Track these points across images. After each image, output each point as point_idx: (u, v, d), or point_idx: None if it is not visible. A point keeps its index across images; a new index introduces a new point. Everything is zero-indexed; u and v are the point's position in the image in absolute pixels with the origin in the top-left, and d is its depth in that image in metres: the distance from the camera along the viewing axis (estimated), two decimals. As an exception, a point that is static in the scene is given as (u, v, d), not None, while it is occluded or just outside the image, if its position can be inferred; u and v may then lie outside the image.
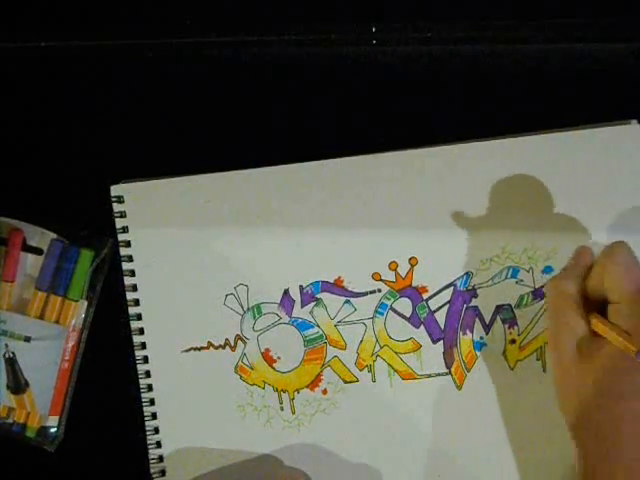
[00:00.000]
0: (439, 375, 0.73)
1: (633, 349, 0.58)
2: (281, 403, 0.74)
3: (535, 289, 0.72)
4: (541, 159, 0.72)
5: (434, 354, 0.73)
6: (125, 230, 0.73)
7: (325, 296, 0.73)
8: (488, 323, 0.73)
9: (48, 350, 0.73)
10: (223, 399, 0.74)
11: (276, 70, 0.75)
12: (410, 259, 0.73)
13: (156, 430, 0.74)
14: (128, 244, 0.73)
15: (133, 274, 0.73)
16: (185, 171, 0.73)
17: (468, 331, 0.73)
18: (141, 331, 0.74)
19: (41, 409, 0.74)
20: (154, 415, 0.74)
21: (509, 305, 0.72)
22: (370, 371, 0.73)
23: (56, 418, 0.74)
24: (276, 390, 0.74)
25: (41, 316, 0.74)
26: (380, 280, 0.73)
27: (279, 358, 0.74)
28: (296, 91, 0.75)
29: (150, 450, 0.74)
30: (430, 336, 0.73)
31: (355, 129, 0.75)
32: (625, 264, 0.62)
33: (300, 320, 0.73)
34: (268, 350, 0.74)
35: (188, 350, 0.74)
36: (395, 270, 0.73)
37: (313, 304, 0.73)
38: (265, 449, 0.74)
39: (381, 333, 0.73)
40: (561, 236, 0.72)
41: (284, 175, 0.73)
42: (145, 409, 0.74)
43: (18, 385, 0.74)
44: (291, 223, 0.73)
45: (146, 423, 0.74)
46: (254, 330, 0.74)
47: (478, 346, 0.73)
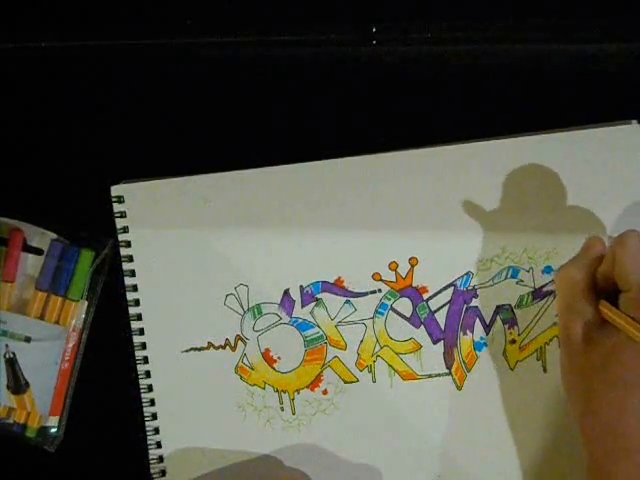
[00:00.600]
0: (439, 375, 0.73)
1: None
2: (281, 403, 0.74)
3: (535, 289, 0.72)
4: (541, 159, 0.72)
5: (434, 354, 0.73)
6: (125, 230, 0.73)
7: (325, 296, 0.73)
8: (488, 323, 0.73)
9: (48, 350, 0.73)
10: (223, 399, 0.74)
11: (276, 70, 0.75)
12: (410, 259, 0.73)
13: (156, 430, 0.74)
14: (128, 244, 0.73)
15: (133, 274, 0.73)
16: (185, 171, 0.73)
17: (468, 331, 0.73)
18: (141, 331, 0.74)
19: (41, 409, 0.74)
20: (154, 415, 0.74)
21: (509, 305, 0.72)
22: (370, 371, 0.73)
23: (56, 418, 0.74)
24: (276, 390, 0.74)
25: (41, 316, 0.74)
26: (380, 280, 0.73)
27: (279, 358, 0.74)
28: (296, 91, 0.75)
29: (150, 450, 0.74)
30: (430, 336, 0.73)
31: (355, 129, 0.75)
32: (636, 252, 0.61)
33: (300, 320, 0.73)
34: (268, 350, 0.74)
35: (188, 350, 0.74)
36: (395, 270, 0.73)
37: (313, 304, 0.73)
38: (265, 449, 0.74)
39: (381, 333, 0.73)
40: (561, 236, 0.72)
41: (284, 175, 0.73)
42: (145, 409, 0.74)
43: (18, 385, 0.74)
44: (291, 223, 0.73)
45: (146, 423, 0.74)
46: (254, 330, 0.74)
47: (478, 346, 0.73)
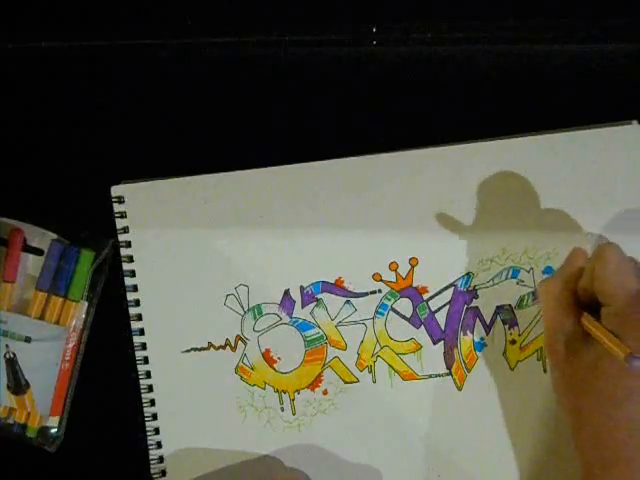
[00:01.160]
0: (439, 376, 0.73)
1: (621, 354, 0.58)
2: (281, 404, 0.74)
3: (535, 290, 0.72)
4: (541, 160, 0.72)
5: (434, 354, 0.73)
6: (125, 230, 0.73)
7: (325, 296, 0.73)
8: (488, 324, 0.73)
9: (48, 351, 0.73)
10: (223, 400, 0.74)
11: (276, 70, 0.75)
12: (410, 259, 0.73)
13: (156, 431, 0.74)
14: (128, 244, 0.73)
15: (133, 274, 0.73)
16: (185, 171, 0.73)
17: (468, 332, 0.73)
18: (141, 332, 0.74)
19: (41, 410, 0.74)
20: (154, 416, 0.74)
21: (509, 306, 0.73)
22: (371, 372, 0.73)
23: (56, 419, 0.74)
24: (277, 391, 0.74)
25: (41, 317, 0.74)
26: (380, 280, 0.73)
27: (280, 359, 0.74)
28: (296, 91, 0.75)
29: (150, 451, 0.74)
30: (430, 336, 0.73)
31: (355, 129, 0.75)
32: (614, 267, 0.61)
33: (301, 320, 0.73)
34: (268, 350, 0.74)
35: (188, 350, 0.74)
36: (395, 270, 0.73)
37: (314, 304, 0.73)
38: (265, 450, 0.74)
39: (381, 334, 0.73)
40: (561, 237, 0.72)
41: (284, 175, 0.73)
42: (145, 410, 0.74)
43: (19, 386, 0.74)
44: (292, 223, 0.73)
45: (146, 424, 0.74)
46: (254, 330, 0.74)
47: (478, 347, 0.73)
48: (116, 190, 0.73)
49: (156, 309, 0.74)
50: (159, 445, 0.74)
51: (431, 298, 0.73)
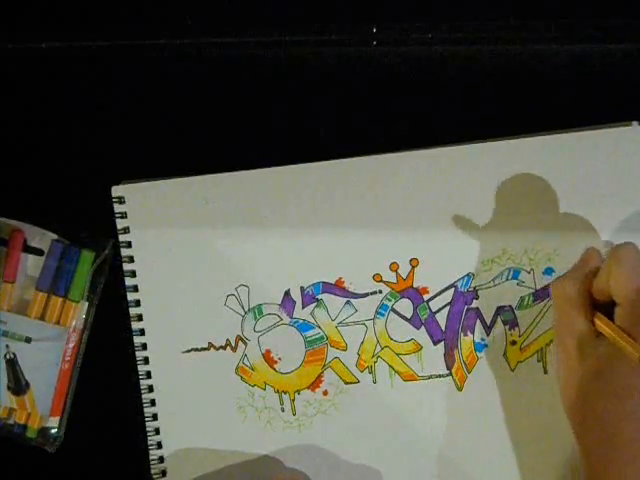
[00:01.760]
0: (440, 376, 0.73)
1: (635, 353, 0.58)
2: (282, 404, 0.74)
3: (536, 290, 0.72)
4: (542, 161, 0.72)
5: (435, 355, 0.73)
6: (126, 231, 0.73)
7: (326, 297, 0.73)
8: (489, 324, 0.73)
9: (49, 351, 0.73)
10: (224, 400, 0.74)
11: (276, 70, 0.75)
12: (411, 260, 0.73)
13: (157, 431, 0.74)
14: (129, 245, 0.73)
15: (134, 275, 0.73)
16: (186, 171, 0.73)
17: (469, 332, 0.73)
18: (142, 332, 0.74)
19: (42, 410, 0.74)
20: (155, 416, 0.74)
21: (510, 306, 0.73)
22: (371, 372, 0.73)
23: (57, 419, 0.74)
24: (277, 391, 0.74)
25: (42, 317, 0.74)
26: (381, 281, 0.73)
27: (280, 359, 0.74)
28: (296, 91, 0.75)
29: (151, 451, 0.74)
30: (431, 337, 0.73)
31: (355, 129, 0.75)
32: (631, 266, 0.61)
33: (301, 321, 0.73)
34: (269, 351, 0.74)
35: (189, 351, 0.74)
36: (396, 271, 0.73)
37: (314, 305, 0.73)
38: (266, 450, 0.74)
39: (382, 334, 0.73)
40: (562, 238, 0.72)
41: (285, 176, 0.73)
42: (146, 410, 0.74)
43: (19, 386, 0.74)
44: (292, 224, 0.73)
45: (147, 424, 0.74)
46: (255, 331, 0.74)
47: (479, 347, 0.73)
48: (117, 190, 0.73)
49: (156, 309, 0.74)
50: (159, 445, 0.74)
51: (432, 299, 0.73)
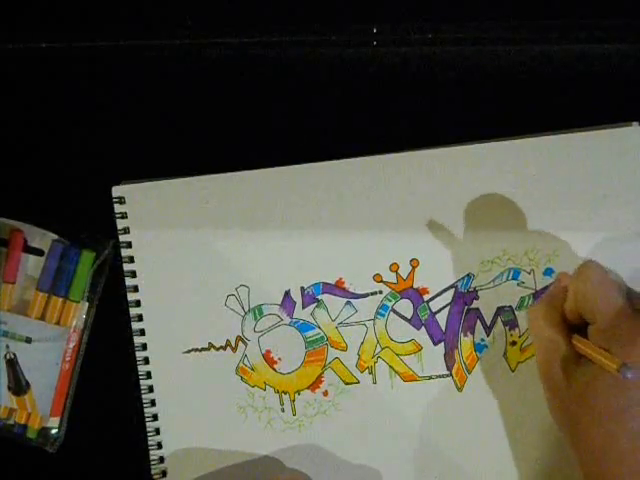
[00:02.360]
0: (440, 377, 0.73)
1: (613, 366, 0.58)
2: (282, 404, 0.74)
3: (536, 291, 0.72)
4: (541, 161, 0.72)
5: (435, 356, 0.73)
6: (126, 231, 0.73)
7: (326, 297, 0.73)
8: (489, 325, 0.73)
9: (49, 351, 0.73)
10: (224, 400, 0.74)
11: (276, 70, 0.75)
12: (411, 261, 0.73)
13: (157, 431, 0.74)
14: (129, 245, 0.73)
15: (134, 275, 0.73)
16: (186, 171, 0.73)
17: (469, 333, 0.73)
18: (142, 332, 0.74)
19: (42, 410, 0.74)
20: (155, 416, 0.74)
21: (510, 307, 0.73)
22: (371, 373, 0.73)
23: (57, 419, 0.74)
24: (277, 391, 0.74)
25: (42, 317, 0.73)
26: (381, 282, 0.73)
27: (280, 359, 0.74)
28: (296, 91, 0.75)
29: (151, 451, 0.74)
30: (431, 338, 0.73)
31: (355, 129, 0.75)
32: (595, 284, 0.62)
33: (301, 321, 0.73)
34: (269, 351, 0.74)
35: (189, 351, 0.74)
36: (396, 272, 0.73)
37: (314, 305, 0.73)
38: (266, 450, 0.74)
39: (382, 335, 0.73)
40: (562, 238, 0.72)
41: (285, 176, 0.73)
42: (146, 410, 0.74)
43: (19, 386, 0.74)
44: (292, 224, 0.73)
45: (147, 424, 0.74)
46: (255, 331, 0.74)
47: (479, 348, 0.73)
48: (117, 190, 0.73)
49: (157, 310, 0.74)
50: (159, 446, 0.74)
51: (432, 299, 0.73)
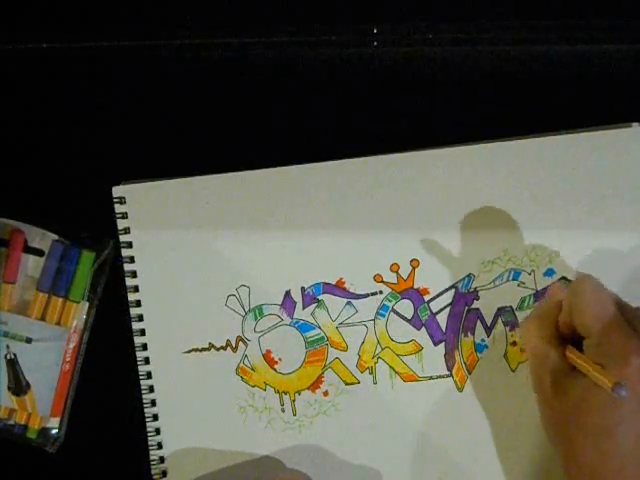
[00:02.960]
0: (440, 377, 0.73)
1: (608, 384, 0.57)
2: (282, 405, 0.74)
3: (537, 292, 0.72)
4: (542, 162, 0.72)
5: (435, 356, 0.73)
6: (127, 231, 0.73)
7: (326, 298, 0.73)
8: (489, 325, 0.73)
9: (49, 351, 0.73)
10: (224, 400, 0.74)
11: (276, 70, 0.75)
12: (412, 261, 0.73)
13: (157, 431, 0.74)
14: (129, 245, 0.73)
15: (134, 275, 0.73)
16: (186, 171, 0.73)
17: (469, 333, 0.73)
18: (142, 332, 0.74)
19: (42, 410, 0.74)
20: (155, 416, 0.74)
21: (511, 307, 0.73)
22: (371, 373, 0.73)
23: (57, 419, 0.74)
24: (277, 392, 0.74)
25: (42, 317, 0.73)
26: (382, 282, 0.73)
27: (280, 360, 0.74)
28: (296, 91, 0.75)
29: (151, 451, 0.74)
30: (431, 338, 0.73)
31: (355, 129, 0.75)
32: (591, 298, 0.62)
33: (301, 322, 0.73)
34: (269, 351, 0.74)
35: (189, 351, 0.74)
36: (397, 272, 0.73)
37: (314, 306, 0.73)
38: (266, 451, 0.74)
39: (382, 335, 0.73)
40: (562, 238, 0.72)
41: (285, 177, 0.73)
42: (146, 410, 0.74)
43: (19, 386, 0.74)
44: (293, 224, 0.73)
45: (147, 424, 0.74)
46: (255, 331, 0.74)
47: (479, 348, 0.73)
48: (117, 191, 0.73)
49: (157, 310, 0.73)
50: (160, 446, 0.74)
51: (432, 299, 0.73)
